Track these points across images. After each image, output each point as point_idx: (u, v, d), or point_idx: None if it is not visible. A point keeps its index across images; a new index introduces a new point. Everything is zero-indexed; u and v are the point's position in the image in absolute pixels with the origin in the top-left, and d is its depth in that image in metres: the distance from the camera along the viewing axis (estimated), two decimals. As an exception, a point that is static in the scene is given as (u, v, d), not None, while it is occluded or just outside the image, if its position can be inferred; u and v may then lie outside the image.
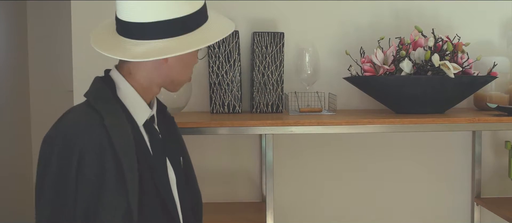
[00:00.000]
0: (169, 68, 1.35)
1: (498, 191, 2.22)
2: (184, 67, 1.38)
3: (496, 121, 1.78)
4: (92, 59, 2.12)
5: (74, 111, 1.30)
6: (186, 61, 1.38)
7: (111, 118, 1.26)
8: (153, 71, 1.35)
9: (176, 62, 1.35)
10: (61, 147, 1.22)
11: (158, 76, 1.36)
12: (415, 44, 1.92)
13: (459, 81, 1.85)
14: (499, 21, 2.21)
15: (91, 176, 1.21)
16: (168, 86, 1.42)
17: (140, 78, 1.36)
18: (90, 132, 1.23)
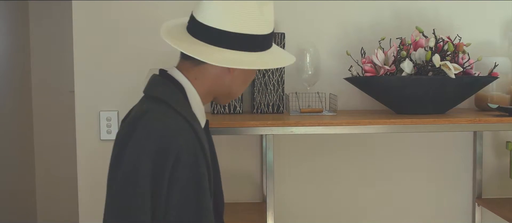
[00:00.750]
0: (232, 79, 1.38)
1: (499, 191, 2.21)
2: (243, 82, 1.42)
3: (497, 122, 1.78)
4: (94, 59, 2.13)
5: (158, 112, 1.26)
6: (247, 77, 1.42)
7: (195, 123, 1.28)
8: (216, 80, 1.37)
9: (239, 76, 1.39)
10: (156, 149, 1.20)
11: (220, 85, 1.38)
12: (416, 44, 1.92)
13: (460, 81, 1.85)
14: (500, 22, 2.20)
15: (186, 179, 1.21)
16: (223, 97, 1.44)
17: (204, 85, 1.37)
18: (185, 136, 1.23)
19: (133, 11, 2.12)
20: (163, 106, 1.28)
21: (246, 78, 1.42)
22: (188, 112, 1.31)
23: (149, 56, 2.13)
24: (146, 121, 1.24)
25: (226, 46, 1.31)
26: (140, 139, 1.21)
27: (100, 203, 2.15)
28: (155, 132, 1.22)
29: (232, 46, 1.31)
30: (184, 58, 1.38)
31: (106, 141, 2.15)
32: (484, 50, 2.17)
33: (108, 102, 2.15)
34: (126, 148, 1.22)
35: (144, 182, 1.19)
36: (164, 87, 1.34)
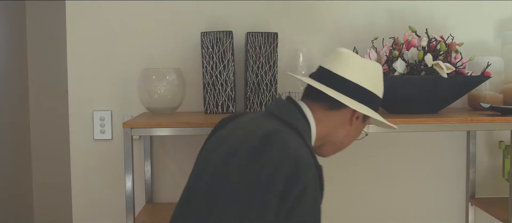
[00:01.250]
0: (348, 131, 1.49)
1: (492, 191, 2.21)
2: (353, 137, 1.53)
3: (489, 121, 1.78)
4: (87, 59, 2.13)
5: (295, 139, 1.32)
6: (357, 134, 1.54)
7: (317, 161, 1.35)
8: (336, 128, 1.47)
9: (354, 131, 1.50)
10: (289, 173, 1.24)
11: (336, 135, 1.48)
12: (408, 44, 1.92)
13: (452, 81, 1.85)
14: (494, 21, 2.20)
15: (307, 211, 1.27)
16: (332, 146, 1.51)
17: (324, 129, 1.46)
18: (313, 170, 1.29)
19: (126, 11, 2.13)
20: (296, 135, 1.35)
21: (357, 134, 1.54)
22: (312, 148, 1.40)
23: (142, 56, 2.14)
24: (284, 143, 1.28)
25: (360, 100, 1.45)
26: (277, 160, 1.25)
27: (93, 203, 2.16)
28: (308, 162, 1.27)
29: (364, 101, 1.46)
30: (312, 100, 1.46)
31: (100, 140, 2.15)
32: (477, 50, 2.17)
33: (101, 102, 2.15)
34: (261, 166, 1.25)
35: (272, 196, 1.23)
36: (298, 118, 1.42)
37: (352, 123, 1.48)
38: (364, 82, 1.45)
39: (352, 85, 1.45)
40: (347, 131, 1.49)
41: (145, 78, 1.98)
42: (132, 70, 2.12)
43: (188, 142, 2.16)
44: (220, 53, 2.01)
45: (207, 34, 2.01)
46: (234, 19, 2.14)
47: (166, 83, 1.98)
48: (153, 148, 2.17)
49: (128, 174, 1.76)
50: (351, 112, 1.46)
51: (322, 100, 1.44)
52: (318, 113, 1.45)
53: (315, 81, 1.48)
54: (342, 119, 1.47)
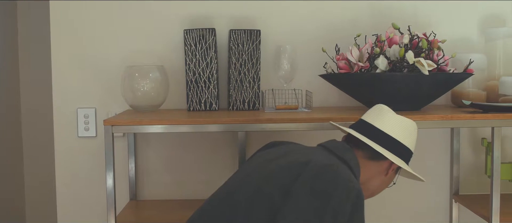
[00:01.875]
0: (382, 180, 1.61)
1: (476, 188, 2.21)
2: (386, 185, 1.65)
3: (470, 118, 1.78)
4: (71, 57, 2.14)
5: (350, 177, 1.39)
6: (390, 182, 1.65)
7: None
8: (372, 176, 1.59)
9: (388, 179, 1.62)
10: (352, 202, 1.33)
11: (371, 183, 1.59)
12: (390, 41, 1.92)
13: (434, 78, 1.85)
14: (478, 18, 2.20)
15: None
16: (366, 192, 1.59)
17: (364, 176, 1.57)
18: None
19: (110, 9, 2.13)
20: (352, 175, 1.42)
21: (388, 183, 1.65)
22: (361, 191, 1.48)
23: (125, 53, 2.14)
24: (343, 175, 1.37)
25: (396, 153, 1.57)
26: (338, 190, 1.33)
27: (77, 200, 2.17)
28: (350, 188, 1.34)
29: (399, 154, 1.57)
30: (357, 148, 1.57)
31: (84, 138, 2.16)
32: (461, 47, 2.17)
33: (85, 100, 2.15)
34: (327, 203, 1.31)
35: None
36: (351, 157, 1.52)
37: (388, 174, 1.60)
38: (400, 136, 1.58)
39: (390, 139, 1.57)
40: (382, 181, 1.61)
41: (128, 76, 1.98)
42: (116, 68, 2.12)
43: (172, 139, 2.17)
44: (203, 50, 2.01)
45: (190, 32, 2.01)
46: (218, 17, 2.14)
47: (149, 81, 1.98)
48: (137, 145, 2.17)
49: (109, 172, 1.75)
50: (388, 164, 1.58)
51: (363, 148, 1.57)
52: (360, 160, 1.57)
53: (358, 133, 1.59)
54: (379, 169, 1.59)
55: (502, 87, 1.99)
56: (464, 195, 2.18)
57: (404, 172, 1.67)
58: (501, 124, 1.78)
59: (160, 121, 1.75)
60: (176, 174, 2.18)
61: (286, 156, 1.46)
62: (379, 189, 1.64)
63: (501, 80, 2.00)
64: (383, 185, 1.63)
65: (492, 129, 1.79)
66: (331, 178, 1.35)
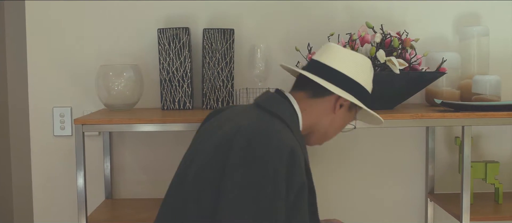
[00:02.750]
0: (332, 119, 1.52)
1: (451, 187, 2.21)
2: (339, 126, 1.56)
3: (440, 117, 1.79)
4: (47, 56, 2.14)
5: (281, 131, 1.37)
6: (344, 123, 1.57)
7: (304, 149, 1.44)
8: (320, 116, 1.51)
9: (339, 119, 1.53)
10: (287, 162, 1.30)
11: (320, 124, 1.52)
12: (362, 40, 1.92)
13: (406, 77, 1.85)
14: (452, 17, 2.20)
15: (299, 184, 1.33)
16: (317, 135, 1.55)
17: (309, 118, 1.50)
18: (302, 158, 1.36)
19: (85, 8, 2.13)
20: (283, 125, 1.40)
21: (343, 124, 1.57)
22: (300, 136, 1.46)
23: (101, 52, 2.14)
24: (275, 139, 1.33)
25: (345, 88, 1.48)
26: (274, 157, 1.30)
27: (53, 199, 2.17)
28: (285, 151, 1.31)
29: (349, 90, 1.49)
30: (298, 89, 1.52)
31: (60, 137, 2.16)
32: (437, 46, 2.17)
33: (61, 99, 2.15)
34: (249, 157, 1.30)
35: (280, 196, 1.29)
36: (284, 107, 1.46)
37: (336, 110, 1.51)
38: (346, 69, 1.49)
39: (336, 73, 1.49)
40: (332, 120, 1.53)
41: (102, 75, 1.98)
42: (92, 67, 2.12)
43: (148, 138, 2.17)
44: (177, 49, 2.01)
45: (164, 31, 2.01)
46: (192, 16, 2.14)
47: (123, 80, 1.99)
48: (113, 144, 2.17)
49: (80, 171, 1.77)
50: (335, 99, 1.49)
51: (306, 88, 1.50)
52: (303, 102, 1.50)
53: (297, 68, 1.54)
54: (326, 106, 1.50)
55: (475, 86, 1.99)
56: (438, 193, 2.18)
57: (364, 117, 1.61)
58: (471, 123, 1.79)
59: (129, 120, 1.76)
60: (152, 173, 2.18)
61: (221, 128, 1.42)
62: (331, 130, 1.55)
63: (474, 79, 2.00)
64: (334, 125, 1.54)
65: (463, 128, 1.80)
66: (261, 143, 1.31)
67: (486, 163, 2.01)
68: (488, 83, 1.96)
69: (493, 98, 1.95)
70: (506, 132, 2.24)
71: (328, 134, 1.56)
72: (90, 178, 2.15)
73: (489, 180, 2.01)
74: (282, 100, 1.47)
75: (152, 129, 1.76)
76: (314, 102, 1.50)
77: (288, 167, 1.30)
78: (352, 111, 1.55)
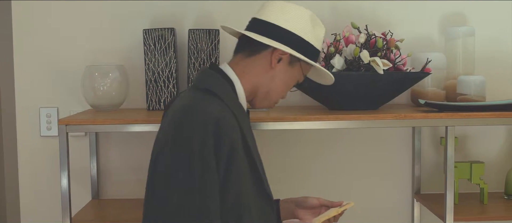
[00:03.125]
0: (273, 76, 1.48)
1: (437, 187, 2.21)
2: (283, 82, 1.50)
3: (423, 118, 1.79)
4: (34, 56, 2.14)
5: (209, 102, 1.36)
6: (288, 79, 1.50)
7: (240, 116, 1.40)
8: (260, 75, 1.47)
9: (280, 74, 1.48)
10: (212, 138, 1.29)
11: (261, 83, 1.48)
12: (347, 40, 1.92)
13: (390, 77, 1.85)
14: (438, 17, 2.20)
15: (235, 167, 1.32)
16: (262, 96, 1.51)
17: (249, 80, 1.47)
18: (235, 129, 1.34)
19: (71, 8, 2.13)
20: (212, 98, 1.38)
21: (287, 80, 1.51)
22: (235, 104, 1.42)
23: (87, 53, 2.15)
24: (200, 112, 1.33)
25: (281, 40, 1.44)
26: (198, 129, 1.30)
27: (41, 199, 2.17)
28: (210, 120, 1.31)
29: (287, 42, 1.44)
30: (235, 52, 1.51)
31: (46, 137, 2.16)
32: (423, 46, 2.17)
33: (48, 99, 2.16)
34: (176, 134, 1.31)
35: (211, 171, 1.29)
36: (213, 79, 1.43)
37: (274, 65, 1.46)
38: (284, 23, 1.45)
39: (272, 27, 1.45)
40: (272, 77, 1.48)
41: (88, 75, 1.99)
42: (78, 67, 2.12)
43: (134, 139, 2.17)
44: (162, 50, 2.01)
45: (150, 31, 2.01)
46: (178, 16, 2.14)
47: (109, 80, 1.99)
48: (99, 145, 2.18)
49: (64, 171, 1.77)
50: (270, 53, 1.45)
51: (244, 48, 1.48)
52: (240, 64, 1.48)
53: (229, 27, 1.53)
54: (263, 62, 1.46)
55: (460, 86, 1.99)
56: (425, 194, 2.19)
57: (316, 76, 1.59)
58: (455, 123, 1.79)
59: (113, 120, 1.76)
60: (138, 173, 2.18)
61: (165, 118, 1.44)
62: (273, 87, 1.49)
63: (459, 79, 2.00)
64: (276, 81, 1.49)
65: (446, 128, 1.80)
66: (187, 121, 1.32)
67: (471, 164, 2.01)
68: (473, 84, 1.97)
69: (477, 98, 1.95)
70: (492, 132, 2.24)
71: (271, 93, 1.51)
72: (76, 179, 2.16)
73: (474, 181, 2.01)
74: (211, 73, 1.45)
75: (137, 130, 1.76)
76: (251, 61, 1.47)
77: (215, 139, 1.29)
78: (295, 67, 1.50)
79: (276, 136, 2.19)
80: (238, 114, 1.39)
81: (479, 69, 2.13)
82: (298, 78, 1.54)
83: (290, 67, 1.49)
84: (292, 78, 1.52)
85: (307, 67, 1.53)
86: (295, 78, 1.53)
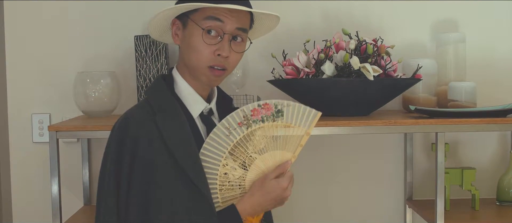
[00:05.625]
0: (182, 50, 1.43)
1: (429, 193, 2.21)
2: (189, 48, 1.38)
3: (413, 124, 1.79)
4: (26, 62, 2.15)
5: (135, 106, 1.45)
6: (189, 41, 1.38)
7: (163, 113, 1.37)
8: (184, 50, 1.41)
9: (183, 43, 1.41)
10: (118, 137, 1.35)
11: (183, 61, 1.43)
12: (337, 46, 1.93)
13: (380, 83, 1.85)
14: (430, 23, 2.21)
15: (143, 164, 1.32)
16: (192, 75, 1.42)
17: (182, 68, 1.44)
18: (143, 126, 1.34)
19: (64, 14, 2.14)
20: (143, 100, 1.44)
21: (189, 44, 1.38)
22: (165, 102, 1.39)
23: (79, 59, 2.15)
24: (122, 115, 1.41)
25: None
26: (111, 131, 1.39)
27: (33, 205, 2.18)
28: (118, 124, 1.38)
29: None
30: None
31: (38, 143, 2.17)
32: (414, 52, 2.17)
33: (40, 105, 2.16)
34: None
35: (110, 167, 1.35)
36: (153, 83, 1.46)
37: (175, 38, 1.43)
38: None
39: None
40: (182, 50, 1.42)
41: (80, 81, 1.99)
42: (70, 73, 2.12)
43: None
44: (154, 56, 2.02)
45: (141, 38, 2.02)
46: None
47: (101, 86, 1.99)
48: (91, 151, 2.18)
49: (54, 178, 1.77)
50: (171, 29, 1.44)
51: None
52: (180, 66, 1.47)
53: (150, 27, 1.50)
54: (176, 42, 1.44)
55: (451, 92, 1.99)
56: (417, 200, 2.19)
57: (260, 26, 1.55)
58: (445, 130, 1.79)
59: (102, 126, 1.76)
60: (130, 179, 2.18)
61: None
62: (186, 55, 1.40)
63: (450, 85, 2.00)
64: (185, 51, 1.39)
65: (436, 134, 1.80)
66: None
67: (462, 170, 2.01)
68: (464, 90, 1.97)
69: (468, 105, 1.96)
70: (484, 138, 2.24)
71: (190, 65, 1.40)
72: (69, 185, 2.16)
73: (465, 187, 2.01)
74: (156, 79, 1.46)
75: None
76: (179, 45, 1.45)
77: (121, 135, 1.34)
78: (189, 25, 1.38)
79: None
80: (159, 111, 1.37)
81: (470, 75, 2.13)
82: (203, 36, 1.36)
83: (191, 29, 1.38)
84: (194, 39, 1.37)
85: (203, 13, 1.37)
86: (193, 35, 1.37)
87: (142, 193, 1.32)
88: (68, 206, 2.09)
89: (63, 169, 2.08)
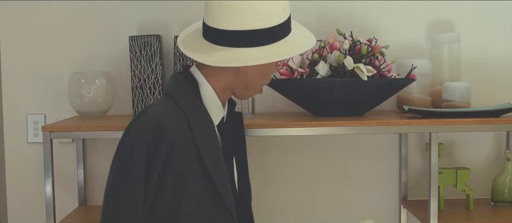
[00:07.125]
0: (245, 75, 1.44)
1: (424, 193, 2.21)
2: (260, 75, 1.46)
3: (406, 124, 1.79)
4: (21, 62, 2.15)
5: (161, 106, 1.40)
6: (263, 70, 1.45)
7: (195, 119, 1.38)
8: (231, 76, 1.43)
9: (253, 71, 1.44)
10: (149, 140, 1.32)
11: (235, 81, 1.45)
12: (331, 47, 1.93)
13: (374, 83, 1.85)
14: (425, 23, 2.21)
15: (177, 171, 1.33)
16: (241, 91, 1.49)
17: (219, 81, 1.44)
18: (179, 131, 1.34)
19: (59, 15, 2.14)
20: (170, 102, 1.40)
21: (262, 73, 1.46)
22: (193, 105, 1.40)
23: (74, 60, 2.16)
24: (146, 114, 1.37)
25: (229, 44, 1.37)
26: (136, 131, 1.34)
27: (28, 206, 2.18)
28: (149, 125, 1.33)
29: (234, 44, 1.37)
30: None
31: (33, 144, 2.17)
32: (410, 52, 2.17)
33: (35, 105, 2.16)
34: (125, 139, 1.37)
35: (138, 170, 1.32)
36: (175, 83, 1.43)
37: (241, 67, 1.41)
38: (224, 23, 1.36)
39: (215, 31, 1.38)
40: (244, 77, 1.44)
41: (75, 82, 2.00)
42: (65, 74, 2.13)
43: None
44: (148, 56, 2.02)
45: (135, 38, 2.02)
46: (164, 23, 2.15)
47: (95, 87, 2.00)
48: (86, 151, 2.18)
49: (48, 178, 1.77)
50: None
51: None
52: (205, 68, 1.44)
53: (182, 42, 1.46)
54: (229, 69, 1.41)
55: (445, 92, 2.00)
56: (411, 200, 2.18)
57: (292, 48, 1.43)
58: (438, 130, 1.79)
59: (96, 127, 1.77)
60: (125, 180, 2.18)
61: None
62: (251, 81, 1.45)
63: (444, 85, 2.00)
64: (250, 78, 1.44)
65: (430, 134, 1.80)
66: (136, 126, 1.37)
67: (457, 170, 2.01)
68: (458, 90, 1.97)
69: (462, 105, 1.96)
70: (479, 139, 2.24)
71: (251, 87, 1.48)
72: (64, 185, 2.16)
73: (459, 187, 2.01)
74: (175, 75, 1.45)
75: (121, 136, 1.76)
76: (217, 68, 1.41)
77: (152, 141, 1.32)
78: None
79: (261, 142, 2.19)
80: (192, 117, 1.38)
81: (464, 76, 2.13)
82: (275, 63, 1.50)
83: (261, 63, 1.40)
84: (268, 68, 1.47)
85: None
86: (272, 65, 1.48)
87: (172, 201, 1.34)
88: (63, 206, 2.10)
89: (58, 169, 2.10)
